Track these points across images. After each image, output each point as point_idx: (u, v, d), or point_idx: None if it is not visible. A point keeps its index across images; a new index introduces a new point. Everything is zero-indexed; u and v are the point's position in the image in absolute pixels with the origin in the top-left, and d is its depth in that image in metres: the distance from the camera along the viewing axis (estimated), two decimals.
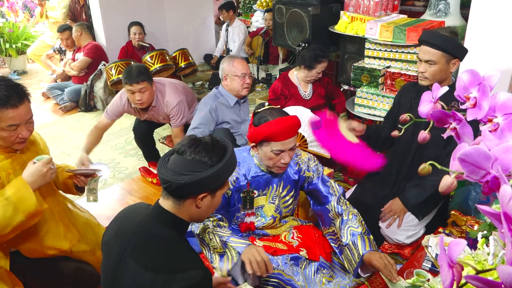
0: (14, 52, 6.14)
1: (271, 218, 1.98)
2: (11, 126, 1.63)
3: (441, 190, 0.75)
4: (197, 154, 1.25)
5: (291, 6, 3.57)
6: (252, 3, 6.46)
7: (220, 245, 1.73)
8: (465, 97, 0.79)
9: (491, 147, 0.68)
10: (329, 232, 1.98)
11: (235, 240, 1.73)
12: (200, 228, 1.78)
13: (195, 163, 1.24)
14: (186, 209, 1.29)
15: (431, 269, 1.67)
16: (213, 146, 1.28)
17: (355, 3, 3.29)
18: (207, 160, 1.25)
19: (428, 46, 2.08)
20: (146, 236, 1.26)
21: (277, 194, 1.96)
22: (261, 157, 1.83)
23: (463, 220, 1.92)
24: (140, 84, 2.77)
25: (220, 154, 1.28)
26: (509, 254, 0.58)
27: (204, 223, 1.78)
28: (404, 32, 2.80)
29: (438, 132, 0.91)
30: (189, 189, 1.24)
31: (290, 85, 3.09)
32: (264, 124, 1.73)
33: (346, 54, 3.46)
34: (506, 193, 0.58)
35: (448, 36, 2.06)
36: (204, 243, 1.78)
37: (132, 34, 4.71)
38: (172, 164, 1.26)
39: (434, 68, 2.08)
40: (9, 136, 1.65)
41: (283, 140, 1.73)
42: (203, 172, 1.23)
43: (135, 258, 1.21)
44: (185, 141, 1.30)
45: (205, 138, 1.32)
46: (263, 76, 5.41)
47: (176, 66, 4.31)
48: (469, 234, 1.67)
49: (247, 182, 1.89)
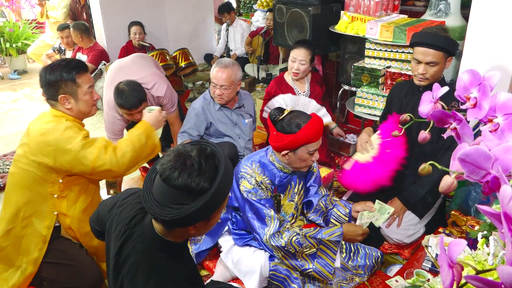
0: (14, 52, 6.14)
1: (290, 215, 2.02)
2: (90, 88, 1.91)
3: (441, 190, 0.75)
4: (182, 180, 1.03)
5: (291, 6, 3.57)
6: (252, 3, 6.47)
7: (315, 244, 1.80)
8: (466, 97, 0.79)
9: (491, 147, 0.68)
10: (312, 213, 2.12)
11: (328, 233, 1.83)
12: (285, 240, 1.79)
13: (180, 192, 1.04)
14: (178, 233, 1.18)
15: (431, 269, 1.67)
16: (201, 167, 1.05)
17: (356, 3, 3.28)
18: (195, 186, 1.03)
19: (428, 48, 2.08)
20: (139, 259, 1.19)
21: (295, 191, 2.01)
22: (292, 161, 1.85)
23: (463, 220, 1.93)
24: (139, 108, 2.54)
25: (211, 174, 1.06)
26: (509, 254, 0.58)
27: (288, 231, 1.81)
28: (404, 32, 2.80)
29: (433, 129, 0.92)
30: (176, 223, 1.08)
31: (284, 86, 3.07)
32: (302, 130, 1.75)
33: (346, 54, 3.46)
34: (506, 193, 0.58)
35: (445, 34, 2.08)
36: (289, 253, 1.81)
37: (133, 34, 4.70)
38: (155, 190, 1.08)
39: (436, 68, 2.09)
40: (90, 99, 1.91)
41: (317, 140, 1.81)
42: (190, 205, 1.03)
43: (130, 280, 1.18)
44: (169, 159, 1.08)
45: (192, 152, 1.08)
46: (263, 76, 5.41)
47: (177, 66, 4.31)
48: (469, 234, 1.67)
49: (275, 188, 1.93)
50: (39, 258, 1.91)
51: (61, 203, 1.90)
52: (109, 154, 1.84)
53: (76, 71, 1.83)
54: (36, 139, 1.80)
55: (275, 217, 1.81)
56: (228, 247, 2.01)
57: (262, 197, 1.85)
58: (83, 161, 1.80)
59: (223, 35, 5.86)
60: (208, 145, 1.14)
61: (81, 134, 1.83)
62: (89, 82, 1.90)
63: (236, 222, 2.01)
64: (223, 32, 5.78)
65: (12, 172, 1.89)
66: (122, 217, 1.29)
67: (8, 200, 1.91)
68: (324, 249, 1.80)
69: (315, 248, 1.79)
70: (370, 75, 3.03)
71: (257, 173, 1.86)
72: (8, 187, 1.91)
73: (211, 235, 2.08)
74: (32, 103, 5.11)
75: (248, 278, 1.88)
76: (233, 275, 2.01)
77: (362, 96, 3.08)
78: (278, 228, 1.81)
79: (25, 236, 1.90)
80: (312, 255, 1.79)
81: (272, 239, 1.79)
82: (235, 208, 1.99)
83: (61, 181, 1.86)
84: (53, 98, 1.85)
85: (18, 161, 1.86)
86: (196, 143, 1.14)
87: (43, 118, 1.87)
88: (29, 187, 1.85)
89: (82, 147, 1.79)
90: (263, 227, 1.81)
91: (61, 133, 1.79)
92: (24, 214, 1.87)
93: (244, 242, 1.96)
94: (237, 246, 1.99)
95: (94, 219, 1.52)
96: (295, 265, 1.82)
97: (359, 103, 3.12)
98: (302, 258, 1.80)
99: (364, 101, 3.09)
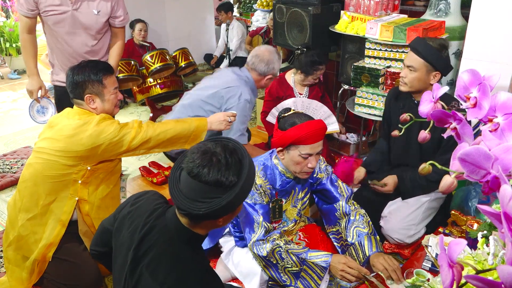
0: (14, 51, 6.13)
1: (293, 221, 2.00)
2: (115, 89, 2.02)
3: (441, 190, 0.75)
4: (212, 176, 1.09)
5: (291, 6, 3.57)
6: (252, 3, 6.47)
7: (297, 263, 1.69)
8: (466, 97, 0.79)
9: (491, 147, 0.68)
10: (333, 231, 1.98)
11: (315, 255, 1.69)
12: (267, 250, 1.72)
13: (211, 187, 1.09)
14: (204, 226, 1.22)
15: (431, 269, 1.67)
16: (228, 161, 1.11)
17: (356, 3, 3.28)
18: (224, 181, 1.09)
19: (414, 53, 2.10)
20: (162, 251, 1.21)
21: (299, 197, 1.98)
22: (287, 162, 1.82)
23: (463, 220, 1.92)
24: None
25: (237, 168, 1.13)
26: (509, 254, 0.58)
27: (272, 242, 1.73)
28: (404, 32, 2.80)
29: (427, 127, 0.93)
30: (208, 216, 1.13)
31: (286, 87, 3.08)
32: (292, 128, 1.72)
33: (346, 53, 3.46)
34: (506, 193, 0.58)
35: (436, 47, 2.06)
36: (270, 263, 1.74)
37: (137, 30, 4.77)
38: (185, 187, 1.12)
39: (414, 75, 2.10)
40: (114, 99, 2.01)
41: (311, 143, 1.73)
42: (222, 198, 1.10)
43: (151, 272, 1.18)
44: (195, 157, 1.12)
45: (217, 149, 1.13)
46: None
47: (177, 66, 4.31)
48: (469, 234, 1.67)
49: (276, 192, 1.89)
50: (55, 243, 1.96)
51: (83, 189, 1.96)
52: (144, 128, 1.98)
53: (103, 72, 1.95)
54: (68, 133, 1.86)
55: (262, 225, 1.76)
56: (229, 248, 2.01)
57: (257, 202, 1.80)
58: (120, 145, 1.91)
59: (222, 34, 5.86)
60: (228, 141, 1.20)
61: (115, 122, 1.93)
62: (114, 84, 2.01)
63: (236, 224, 2.01)
64: (223, 32, 5.78)
65: (32, 163, 1.93)
66: (140, 212, 1.31)
67: (25, 190, 1.94)
68: (309, 271, 1.69)
69: (297, 267, 1.69)
70: (370, 75, 3.03)
71: (258, 176, 1.84)
72: (25, 177, 1.95)
73: (212, 235, 2.08)
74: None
75: (249, 281, 1.87)
76: (233, 275, 2.01)
77: (362, 96, 3.08)
78: (263, 236, 1.75)
79: (43, 224, 1.95)
80: (296, 273, 1.71)
81: (255, 246, 1.74)
82: None
83: (89, 168, 1.92)
84: (79, 97, 1.95)
85: (41, 153, 1.91)
86: (217, 140, 1.19)
87: (71, 114, 1.95)
88: (53, 176, 1.90)
89: (119, 132, 1.90)
90: (250, 233, 1.78)
91: (95, 124, 1.87)
92: (44, 202, 1.92)
93: (245, 244, 1.96)
94: (238, 247, 1.99)
95: (94, 241, 1.52)
96: (278, 279, 1.74)
97: (359, 103, 3.12)
98: (284, 273, 1.73)
99: (364, 101, 3.09)
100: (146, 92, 4.24)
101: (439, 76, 2.11)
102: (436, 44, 2.08)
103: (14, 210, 1.97)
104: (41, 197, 1.92)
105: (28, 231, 1.95)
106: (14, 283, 2.00)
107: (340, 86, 3.60)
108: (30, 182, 1.93)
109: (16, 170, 3.47)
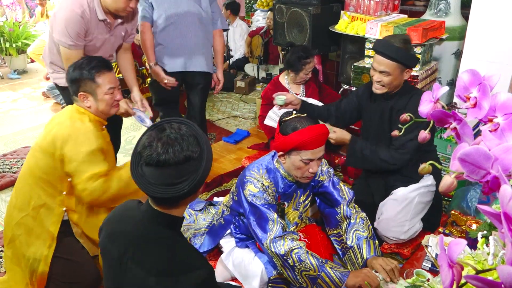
0: (14, 51, 6.13)
1: (294, 224, 1.99)
2: (111, 89, 1.91)
3: (441, 190, 0.75)
4: (180, 155, 1.10)
5: (291, 6, 3.57)
6: (252, 3, 6.46)
7: (316, 267, 1.65)
8: (466, 97, 0.79)
9: (491, 147, 0.68)
10: (334, 233, 1.99)
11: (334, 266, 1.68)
12: (285, 248, 1.69)
13: (183, 165, 1.11)
14: (183, 204, 1.24)
15: (431, 269, 1.67)
16: (183, 137, 1.13)
17: (356, 3, 3.29)
18: (192, 154, 1.12)
19: (382, 56, 2.07)
20: (144, 238, 1.22)
21: (300, 200, 1.98)
22: (288, 167, 1.82)
23: (463, 220, 1.93)
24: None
25: (194, 138, 1.15)
26: (509, 254, 0.58)
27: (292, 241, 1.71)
28: (404, 32, 2.80)
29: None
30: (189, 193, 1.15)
31: (281, 89, 3.08)
32: (294, 133, 1.70)
33: (346, 54, 3.46)
34: (506, 193, 0.58)
35: (401, 46, 2.05)
36: (288, 265, 1.70)
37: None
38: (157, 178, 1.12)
39: (389, 78, 2.10)
40: (110, 99, 1.93)
41: (313, 149, 1.71)
42: (197, 170, 1.13)
43: (137, 262, 1.18)
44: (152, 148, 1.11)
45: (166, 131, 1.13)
46: (263, 76, 5.40)
47: None
48: (469, 234, 1.67)
49: (278, 196, 1.89)
50: (49, 256, 1.94)
51: (70, 200, 1.94)
52: (96, 183, 1.82)
53: (96, 70, 1.86)
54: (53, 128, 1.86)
55: (278, 221, 1.75)
56: (229, 249, 2.01)
57: (268, 201, 1.79)
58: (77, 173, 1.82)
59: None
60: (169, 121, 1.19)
61: (94, 146, 1.83)
62: (110, 83, 1.91)
63: (238, 226, 2.00)
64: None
65: (28, 159, 1.94)
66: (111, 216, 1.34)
67: (20, 187, 1.95)
68: (327, 279, 1.65)
69: (315, 273, 1.66)
70: (370, 75, 3.03)
71: (264, 178, 1.83)
72: (22, 173, 1.96)
73: (213, 236, 2.08)
74: (32, 103, 5.11)
75: (249, 282, 1.87)
76: (233, 276, 2.01)
77: None
78: (281, 233, 1.73)
79: (35, 227, 1.94)
80: (312, 279, 1.67)
81: (273, 244, 1.71)
82: (240, 214, 1.98)
83: (69, 180, 1.88)
84: (75, 95, 1.92)
85: (34, 149, 1.92)
86: (158, 125, 1.18)
87: (67, 111, 1.94)
88: (41, 176, 1.89)
89: (83, 162, 1.80)
90: (265, 232, 1.75)
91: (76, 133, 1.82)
92: (35, 203, 1.91)
93: (246, 245, 1.96)
94: (239, 248, 1.98)
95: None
96: (293, 280, 1.71)
97: None
98: (301, 277, 1.69)
99: None
100: (146, 92, 4.23)
101: (411, 71, 2.14)
102: (400, 43, 2.07)
103: (10, 207, 1.98)
104: (32, 197, 1.91)
105: (21, 230, 1.94)
106: (14, 283, 2.00)
107: (340, 86, 3.60)
108: (23, 179, 1.94)
109: (16, 170, 3.46)
